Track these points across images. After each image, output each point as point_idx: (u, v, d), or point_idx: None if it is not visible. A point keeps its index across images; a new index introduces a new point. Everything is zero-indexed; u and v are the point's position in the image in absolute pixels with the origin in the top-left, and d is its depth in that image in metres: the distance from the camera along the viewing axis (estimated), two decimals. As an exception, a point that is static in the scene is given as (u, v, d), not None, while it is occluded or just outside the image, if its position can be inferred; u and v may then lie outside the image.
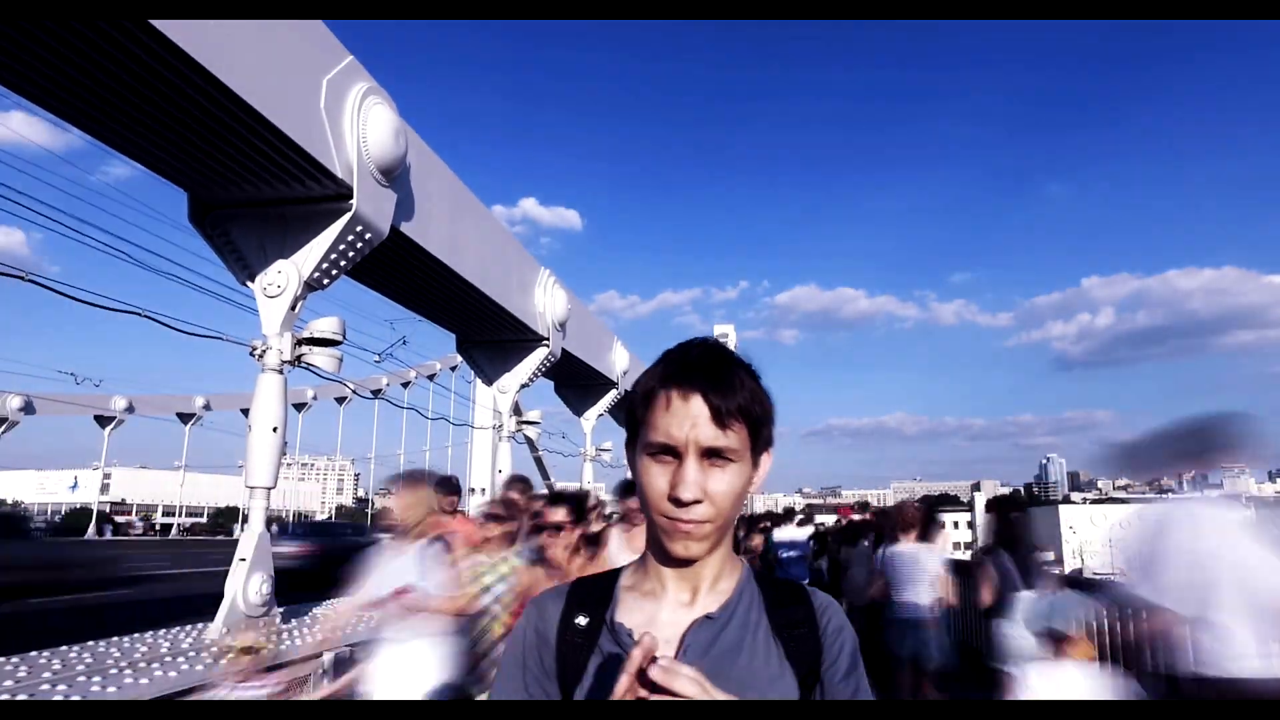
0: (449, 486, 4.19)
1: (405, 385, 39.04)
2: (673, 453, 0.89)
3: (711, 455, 0.88)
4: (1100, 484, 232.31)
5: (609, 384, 18.06)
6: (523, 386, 13.66)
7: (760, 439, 0.93)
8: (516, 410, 14.61)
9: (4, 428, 30.98)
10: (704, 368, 0.91)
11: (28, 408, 31.77)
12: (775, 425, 0.96)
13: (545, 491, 3.79)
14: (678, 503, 0.88)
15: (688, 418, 0.88)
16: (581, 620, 0.96)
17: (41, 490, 71.97)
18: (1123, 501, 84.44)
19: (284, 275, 6.94)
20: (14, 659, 4.88)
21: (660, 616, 0.94)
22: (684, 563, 0.93)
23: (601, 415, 18.79)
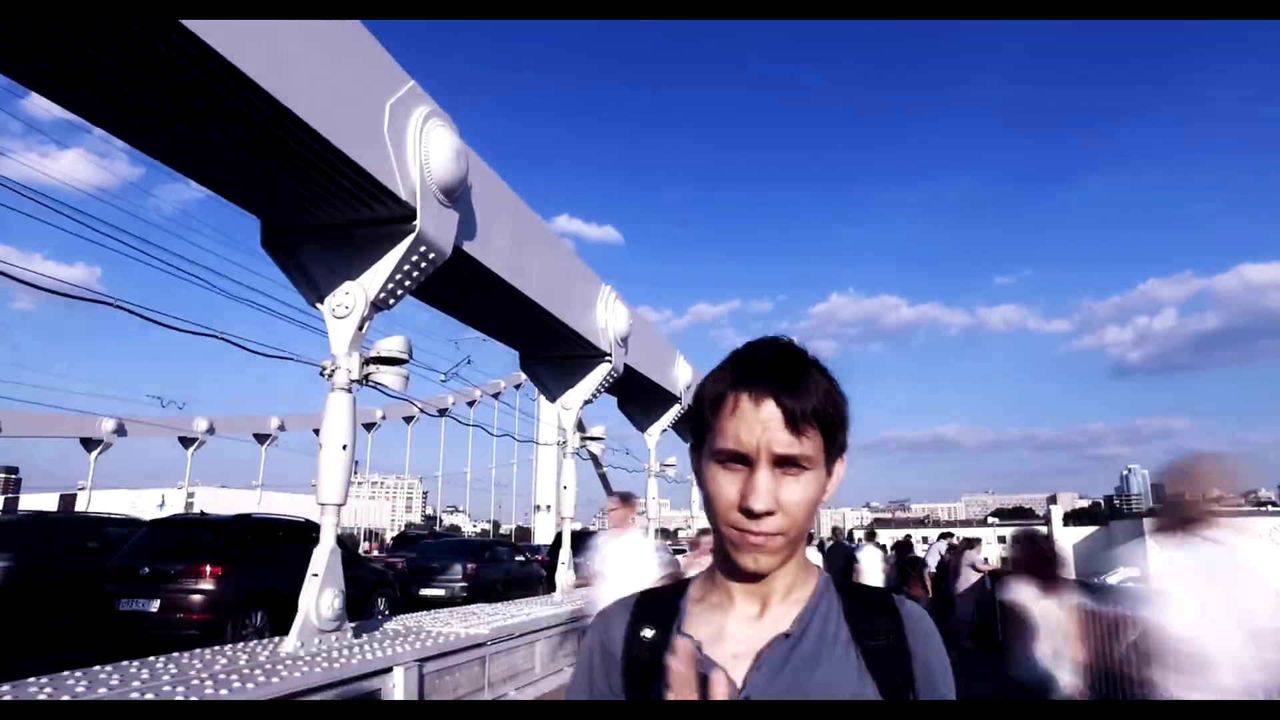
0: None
1: (471, 404, 39.79)
2: (743, 460, 0.84)
3: (784, 463, 0.84)
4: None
5: (672, 399, 18.00)
6: (586, 403, 13.67)
7: (835, 444, 0.88)
8: (580, 426, 14.66)
9: (100, 449, 32.74)
10: (776, 368, 0.86)
11: (120, 430, 33.55)
12: (849, 429, 0.90)
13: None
14: (748, 513, 0.83)
15: (759, 422, 0.83)
16: (648, 633, 0.94)
17: (133, 508, 75.59)
18: (1214, 515, 79.88)
19: (351, 296, 7.14)
20: (107, 667, 5.08)
21: (728, 629, 0.90)
22: (754, 576, 0.89)
23: (665, 431, 18.75)
